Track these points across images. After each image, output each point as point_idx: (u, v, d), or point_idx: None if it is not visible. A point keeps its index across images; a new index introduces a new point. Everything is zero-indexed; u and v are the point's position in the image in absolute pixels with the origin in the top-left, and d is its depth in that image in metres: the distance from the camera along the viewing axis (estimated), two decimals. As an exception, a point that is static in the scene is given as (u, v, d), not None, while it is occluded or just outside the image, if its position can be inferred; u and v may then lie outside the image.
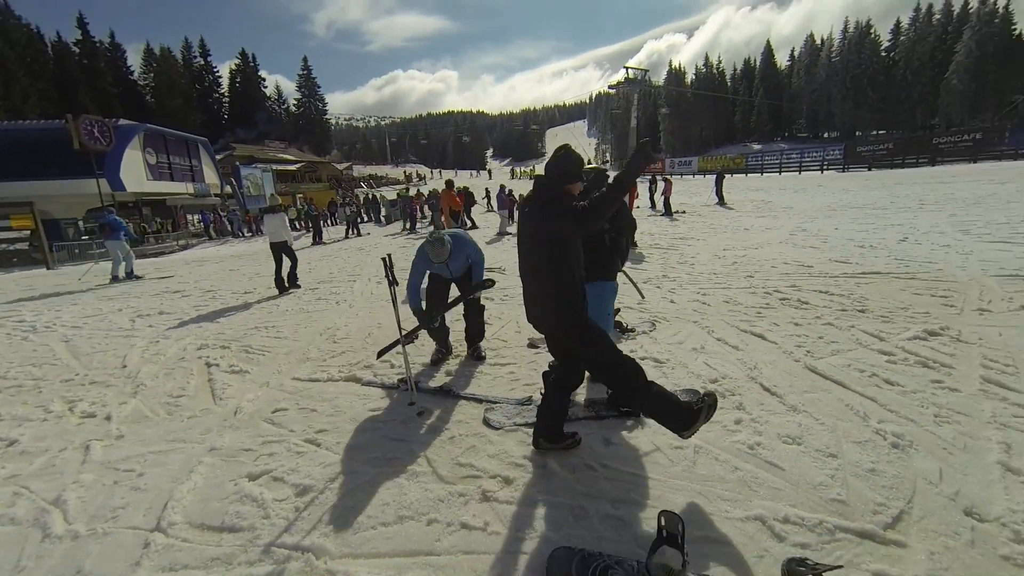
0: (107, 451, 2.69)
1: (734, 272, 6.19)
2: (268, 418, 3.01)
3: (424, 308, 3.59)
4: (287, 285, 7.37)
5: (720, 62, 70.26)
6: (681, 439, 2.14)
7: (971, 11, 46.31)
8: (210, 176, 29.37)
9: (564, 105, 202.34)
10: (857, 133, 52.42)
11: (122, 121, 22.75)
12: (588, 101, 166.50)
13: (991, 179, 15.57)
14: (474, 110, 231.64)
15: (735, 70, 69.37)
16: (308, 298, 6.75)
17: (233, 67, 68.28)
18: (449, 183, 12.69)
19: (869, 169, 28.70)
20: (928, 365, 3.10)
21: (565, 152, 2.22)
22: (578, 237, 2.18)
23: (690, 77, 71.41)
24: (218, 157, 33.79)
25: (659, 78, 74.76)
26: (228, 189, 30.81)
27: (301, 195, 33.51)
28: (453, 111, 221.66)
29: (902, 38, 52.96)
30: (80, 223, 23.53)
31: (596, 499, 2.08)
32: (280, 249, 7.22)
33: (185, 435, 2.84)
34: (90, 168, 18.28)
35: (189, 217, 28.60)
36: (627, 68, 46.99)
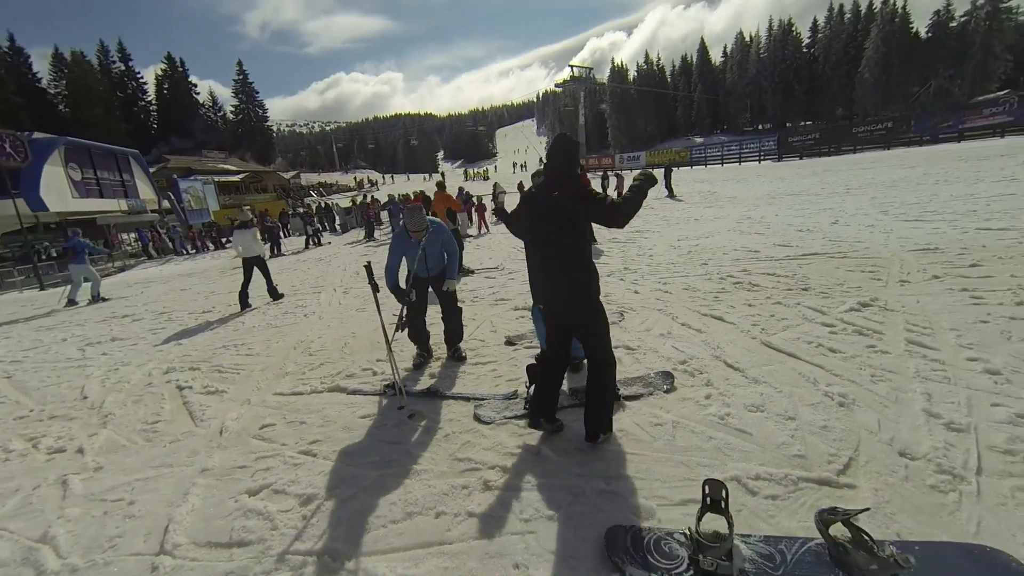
0: (88, 484, 2.60)
1: (690, 261, 6.61)
2: (257, 434, 2.99)
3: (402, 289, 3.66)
4: (272, 298, 7.41)
5: (659, 59, 73.07)
6: (588, 439, 2.49)
7: (875, 11, 50.73)
8: (145, 191, 27.42)
9: (512, 104, 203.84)
10: (788, 124, 56.14)
11: (37, 134, 20.84)
12: (536, 100, 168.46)
13: (902, 164, 17.26)
14: (422, 112, 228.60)
15: (674, 66, 72.36)
16: (274, 312, 6.58)
17: (159, 72, 63.76)
18: (441, 184, 11.32)
19: (800, 158, 30.87)
20: (863, 333, 3.51)
21: (568, 139, 2.44)
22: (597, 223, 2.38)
23: (632, 74, 73.81)
24: (151, 170, 31.57)
25: (603, 75, 76.74)
26: (166, 204, 28.93)
27: (248, 206, 31.93)
28: (401, 114, 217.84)
29: (820, 35, 57.15)
30: (-7, 249, 21.38)
31: (590, 478, 2.25)
32: (252, 263, 7.17)
33: (171, 459, 2.78)
34: (3, 187, 16.65)
35: (124, 236, 26.60)
36: (572, 67, 48.06)
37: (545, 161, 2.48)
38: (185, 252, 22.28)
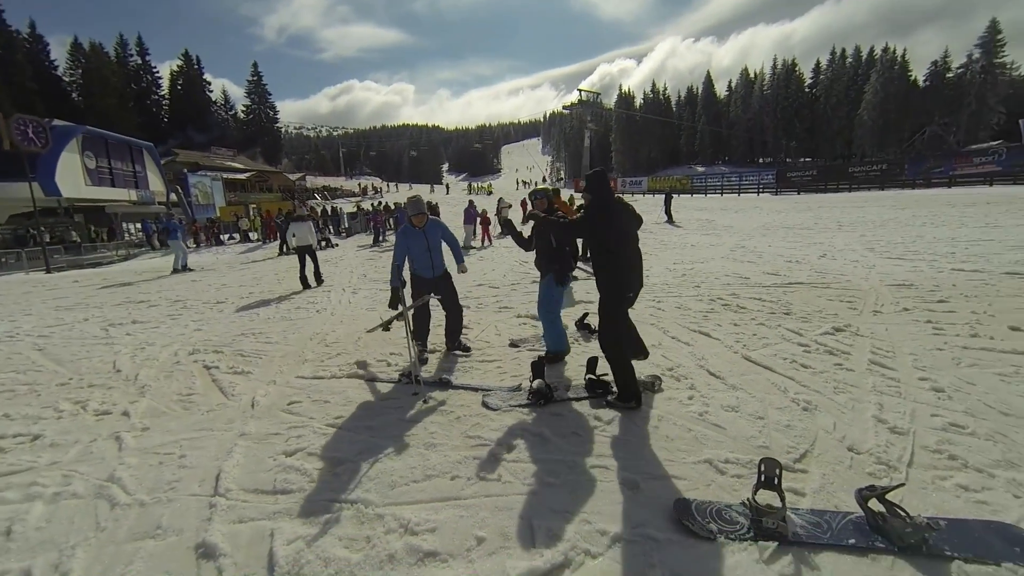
0: (139, 440, 2.92)
1: (683, 283, 7.03)
2: (285, 409, 3.33)
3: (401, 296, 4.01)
4: (314, 283, 8.47)
5: (666, 88, 75.18)
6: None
7: (876, 56, 52.64)
8: (155, 183, 27.86)
9: (519, 122, 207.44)
10: (787, 160, 57.57)
11: (57, 122, 21.29)
12: (543, 120, 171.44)
13: (894, 205, 17.94)
14: (430, 124, 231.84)
15: (679, 96, 74.35)
16: (287, 307, 6.92)
17: (175, 68, 64.93)
18: (557, 191, 8.68)
19: (798, 193, 31.77)
20: (833, 353, 3.91)
21: (605, 172, 3.40)
22: None
23: (639, 101, 75.61)
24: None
25: (611, 100, 78.58)
26: (173, 197, 29.35)
27: (254, 204, 32.39)
28: (409, 124, 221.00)
29: (822, 76, 59.12)
30: None
31: (584, 455, 2.61)
32: (306, 251, 8.35)
33: (211, 425, 3.11)
34: (19, 170, 17.01)
35: (125, 226, 26.88)
36: (581, 90, 49.25)
37: (591, 188, 3.26)
38: (186, 246, 22.55)
